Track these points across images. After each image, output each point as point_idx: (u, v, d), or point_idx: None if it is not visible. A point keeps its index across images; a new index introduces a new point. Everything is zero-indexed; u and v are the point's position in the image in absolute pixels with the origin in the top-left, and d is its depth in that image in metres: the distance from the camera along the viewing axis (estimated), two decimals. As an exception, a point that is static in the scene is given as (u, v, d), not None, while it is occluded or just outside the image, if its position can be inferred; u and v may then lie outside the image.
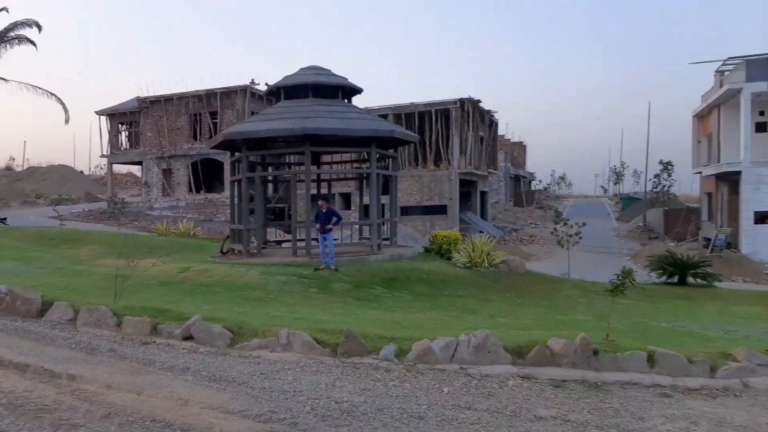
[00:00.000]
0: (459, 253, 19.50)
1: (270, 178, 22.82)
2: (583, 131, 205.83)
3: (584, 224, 25.15)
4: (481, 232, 32.43)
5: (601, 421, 5.20)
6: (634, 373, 6.40)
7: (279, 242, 23.61)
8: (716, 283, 20.09)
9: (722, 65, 32.65)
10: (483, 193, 44.68)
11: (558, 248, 23.88)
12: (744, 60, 29.86)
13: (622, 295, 8.37)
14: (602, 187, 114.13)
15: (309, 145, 18.11)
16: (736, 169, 29.38)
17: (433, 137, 38.81)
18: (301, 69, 20.39)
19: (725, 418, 5.37)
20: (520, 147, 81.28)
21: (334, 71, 20.52)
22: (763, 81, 28.37)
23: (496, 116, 46.65)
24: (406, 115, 38.78)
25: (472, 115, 39.81)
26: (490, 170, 46.19)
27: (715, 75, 34.20)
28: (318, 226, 16.26)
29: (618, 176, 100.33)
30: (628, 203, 63.04)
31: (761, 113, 32.33)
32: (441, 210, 37.56)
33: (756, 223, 28.93)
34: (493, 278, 17.98)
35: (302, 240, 19.27)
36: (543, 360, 6.61)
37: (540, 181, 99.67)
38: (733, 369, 6.47)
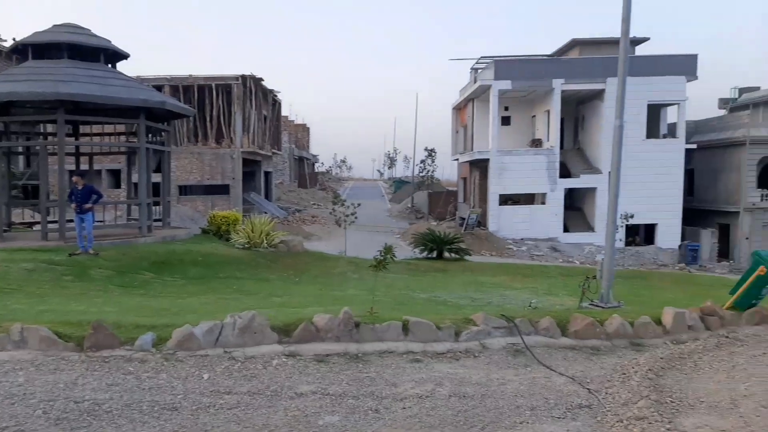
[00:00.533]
0: (238, 233, 19.05)
1: (19, 149, 19.65)
2: (363, 118, 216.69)
3: (359, 205, 26.42)
4: (265, 212, 32.09)
5: (358, 391, 5.47)
6: (390, 342, 6.87)
7: (30, 224, 20.56)
8: (467, 257, 22.74)
9: (476, 63, 36.77)
10: (267, 174, 44.28)
11: (337, 228, 24.72)
12: (493, 60, 33.99)
13: (385, 269, 8.93)
14: (378, 171, 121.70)
15: (63, 112, 15.95)
16: (486, 157, 33.49)
17: (215, 113, 37.18)
18: (54, 26, 17.76)
19: (465, 378, 6.05)
20: (304, 129, 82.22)
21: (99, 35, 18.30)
22: (507, 80, 32.65)
23: (280, 96, 46.40)
24: (185, 89, 36.45)
25: (255, 93, 39.00)
26: (274, 150, 45.90)
27: (471, 71, 38.38)
28: (74, 205, 14.44)
29: (392, 161, 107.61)
30: (399, 186, 67.98)
31: (506, 108, 37.27)
32: (224, 190, 36.25)
33: (500, 204, 33.38)
34: (271, 258, 17.94)
35: (55, 222, 16.99)
36: (308, 336, 6.74)
37: (323, 163, 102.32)
38: (473, 332, 7.32)
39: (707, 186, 36.48)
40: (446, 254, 22.50)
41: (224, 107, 37.29)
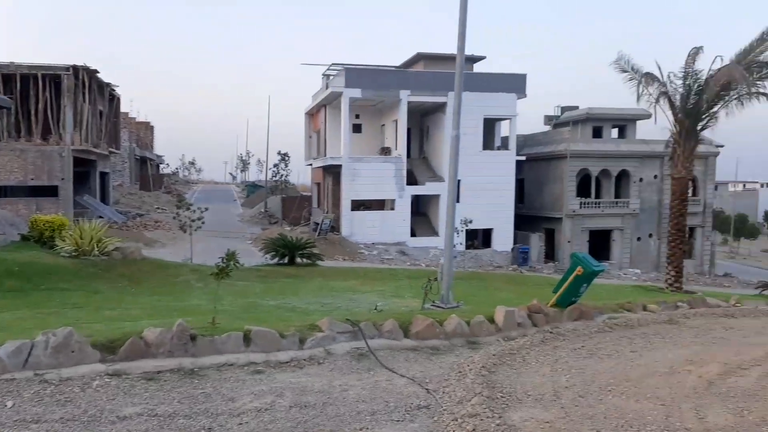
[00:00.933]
0: (64, 240, 17.17)
1: None
2: (213, 118, 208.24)
3: (207, 209, 25.22)
4: (100, 216, 29.36)
5: (191, 409, 5.10)
6: (230, 354, 6.53)
7: None
8: (319, 262, 22.68)
9: (328, 69, 37.01)
10: (103, 175, 40.54)
11: (183, 234, 23.35)
12: (344, 67, 34.46)
13: (228, 277, 8.51)
14: (231, 174, 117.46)
15: None
16: (338, 163, 33.80)
17: (41, 107, 33.27)
18: None
19: (308, 386, 5.91)
20: (147, 127, 76.78)
21: None
22: (358, 88, 33.28)
23: (119, 91, 42.85)
24: (5, 77, 32.23)
25: (89, 86, 35.56)
26: (111, 149, 42.19)
27: (322, 77, 38.56)
28: None
29: (244, 164, 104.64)
30: (252, 190, 66.21)
31: (357, 116, 37.96)
32: (51, 191, 32.47)
33: (353, 209, 33.85)
34: (104, 267, 16.41)
35: None
36: (137, 353, 6.17)
37: (168, 164, 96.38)
38: (318, 339, 7.22)
39: (535, 194, 40.12)
40: (298, 260, 22.25)
41: (52, 100, 33.54)
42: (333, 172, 36.63)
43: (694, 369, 7.16)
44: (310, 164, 43.71)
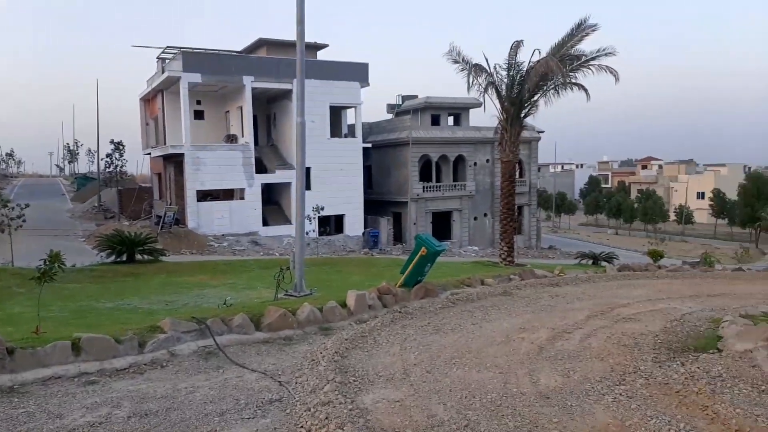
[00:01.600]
0: None
1: None
2: (31, 104, 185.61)
3: (27, 205, 22.52)
4: None
5: (9, 433, 4.51)
6: (57, 366, 5.88)
7: None
8: (163, 258, 21.35)
9: (163, 53, 34.60)
10: None
11: (1, 234, 20.56)
12: (181, 51, 32.46)
13: (52, 280, 7.65)
14: (58, 165, 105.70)
15: None
16: (180, 152, 31.89)
17: None
18: None
19: (149, 393, 5.51)
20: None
21: None
22: (197, 73, 31.58)
23: None
24: None
25: None
26: None
27: (157, 61, 36.02)
28: None
29: (72, 154, 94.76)
30: (83, 183, 60.32)
31: (198, 102, 36.11)
32: None
33: (199, 200, 32.23)
34: None
35: None
36: (-62, 376, 5.32)
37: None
38: (161, 340, 6.77)
39: (383, 180, 41.34)
40: (139, 256, 20.71)
41: None
42: (175, 161, 34.57)
43: (526, 336, 7.84)
44: (149, 153, 40.79)
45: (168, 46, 33.85)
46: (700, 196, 79.18)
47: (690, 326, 8.54)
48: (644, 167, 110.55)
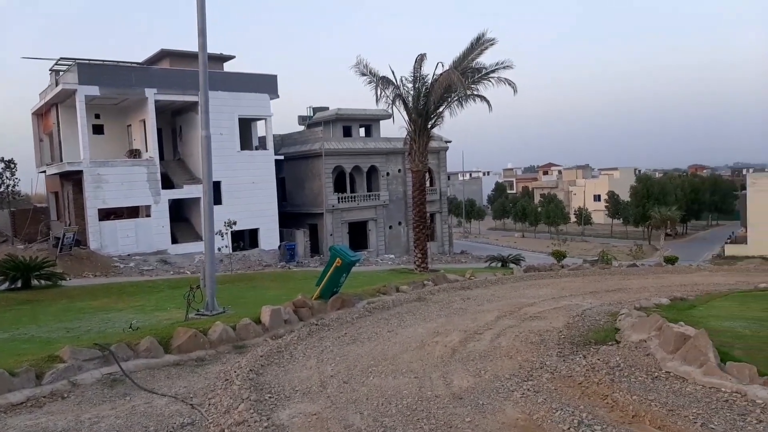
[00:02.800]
0: None
1: None
2: None
3: None
4: None
5: None
6: (-58, 408, 5.39)
7: None
8: (62, 282, 20.01)
9: (56, 64, 32.55)
10: None
11: None
12: (76, 62, 30.71)
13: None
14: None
15: None
16: (78, 169, 30.07)
17: None
18: None
19: (49, 427, 5.18)
20: None
21: None
22: (95, 85, 29.97)
23: None
24: None
25: None
26: None
27: (50, 73, 33.85)
28: None
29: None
30: (-33, 205, 55.43)
31: (97, 116, 34.23)
32: None
33: (101, 219, 30.49)
34: None
35: None
36: None
37: None
38: (60, 371, 6.37)
39: (297, 192, 41.01)
40: (35, 282, 19.29)
41: None
42: (73, 179, 32.53)
43: (440, 339, 8.07)
44: (44, 171, 38.15)
45: (62, 58, 31.92)
46: (597, 198, 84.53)
47: (591, 321, 9.12)
48: (545, 173, 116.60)
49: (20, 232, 37.56)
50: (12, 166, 38.65)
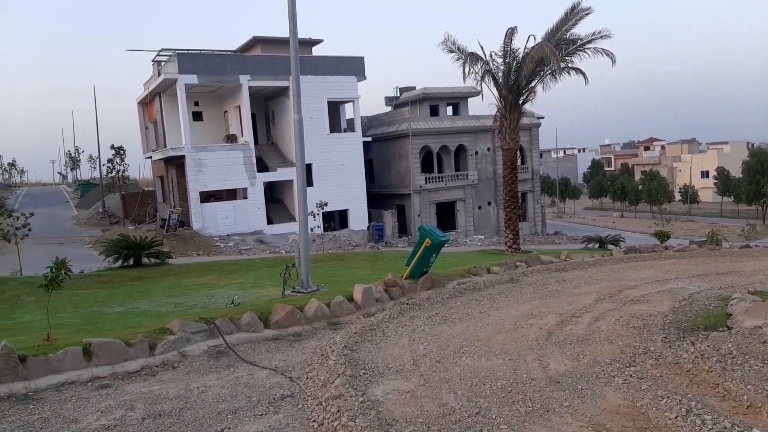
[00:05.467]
0: None
1: None
2: (31, 113, 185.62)
3: (32, 214, 22.64)
4: None
5: (26, 440, 4.56)
6: (70, 372, 5.93)
7: None
8: (169, 260, 21.41)
9: (158, 55, 34.53)
10: None
11: (8, 244, 20.68)
12: (176, 53, 32.42)
13: (59, 287, 7.69)
14: (60, 173, 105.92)
15: None
16: (181, 154, 31.94)
17: None
18: None
19: (161, 394, 5.55)
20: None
21: None
22: (193, 74, 31.56)
23: None
24: None
25: None
26: None
27: (153, 64, 35.96)
28: None
29: (74, 161, 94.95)
30: (86, 189, 60.50)
31: (196, 103, 36.08)
32: None
33: (202, 202, 32.29)
34: None
35: None
36: (-47, 387, 5.37)
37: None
38: (171, 342, 6.81)
39: (385, 173, 41.29)
40: (145, 260, 20.77)
41: None
42: (176, 163, 34.62)
43: (534, 322, 7.85)
44: (150, 157, 40.84)
45: (163, 49, 33.80)
46: (705, 174, 78.85)
47: (699, 305, 8.54)
48: (647, 149, 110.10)
49: (130, 214, 40.56)
50: (122, 152, 41.65)
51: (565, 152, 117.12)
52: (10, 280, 16.78)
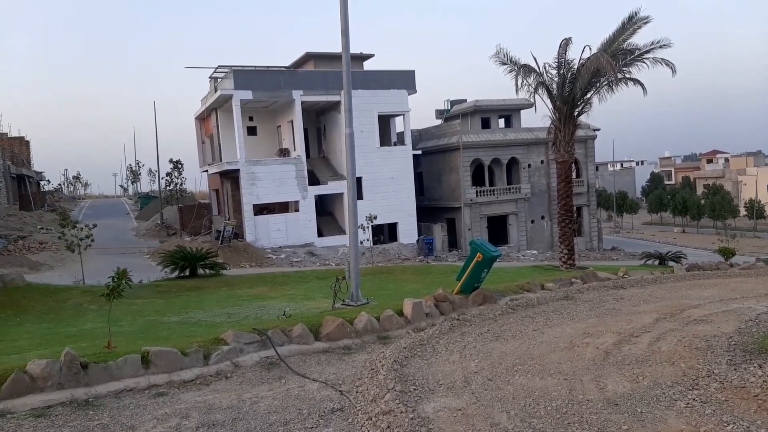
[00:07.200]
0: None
1: None
2: (95, 128, 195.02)
3: (95, 225, 23.60)
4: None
5: (87, 444, 4.71)
6: (128, 379, 6.11)
7: None
8: (223, 271, 21.91)
9: (215, 72, 35.74)
10: (-30, 198, 36.90)
11: (72, 254, 21.66)
12: (232, 69, 33.46)
13: (120, 296, 7.97)
14: (122, 186, 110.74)
15: None
16: (235, 168, 32.83)
17: None
18: None
19: (215, 404, 5.65)
20: (22, 143, 70.80)
21: None
22: (248, 90, 32.46)
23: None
24: None
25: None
26: (-23, 170, 38.47)
27: (209, 80, 37.22)
28: None
29: (135, 175, 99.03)
30: (146, 202, 62.90)
31: (251, 118, 37.05)
32: None
33: (255, 214, 33.04)
34: (-21, 299, 14.91)
35: None
36: (21, 388, 5.62)
37: (49, 181, 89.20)
38: (224, 352, 6.93)
39: (434, 186, 41.18)
40: (201, 271, 21.33)
41: None
42: (231, 177, 35.56)
43: (591, 341, 7.60)
44: (206, 171, 42.15)
45: (219, 66, 34.95)
46: (772, 188, 75.04)
47: (766, 326, 8.07)
48: (709, 161, 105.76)
49: (187, 226, 41.81)
50: (179, 166, 43.14)
51: (622, 165, 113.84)
52: (74, 289, 17.49)
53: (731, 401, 5.21)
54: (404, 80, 35.90)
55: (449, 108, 44.86)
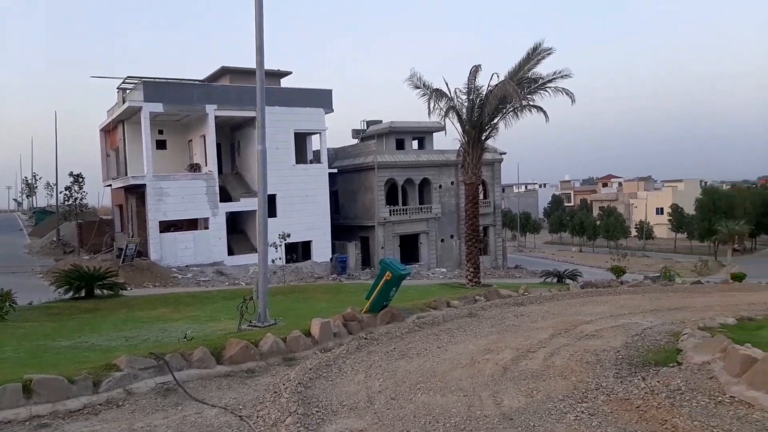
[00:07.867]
0: None
1: None
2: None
3: (-21, 243, 21.81)
4: None
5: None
6: (7, 411, 5.63)
7: None
8: (124, 292, 20.76)
9: (123, 83, 34.18)
10: None
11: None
12: (141, 81, 32.17)
13: (3, 320, 7.38)
14: (16, 200, 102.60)
15: None
16: (142, 182, 31.37)
17: None
18: None
19: (103, 434, 5.33)
20: None
21: None
22: (159, 102, 31.26)
23: None
24: None
25: None
26: None
27: (117, 91, 35.55)
28: None
29: (31, 188, 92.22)
30: (41, 217, 58.64)
31: (160, 132, 35.69)
32: None
33: (162, 232, 31.64)
34: None
35: None
36: None
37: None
38: (116, 379, 6.55)
39: (349, 204, 41.39)
40: (98, 291, 20.10)
41: None
42: (137, 192, 33.96)
43: (491, 357, 7.87)
44: (110, 185, 40.00)
45: (128, 77, 33.48)
46: (659, 211, 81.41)
47: (651, 341, 8.70)
48: (605, 185, 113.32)
49: (86, 243, 39.36)
50: (80, 180, 40.66)
51: (526, 187, 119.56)
52: (-47, 312, 16.00)
53: (616, 413, 5.56)
54: (321, 99, 36.00)
55: (365, 128, 45.40)
